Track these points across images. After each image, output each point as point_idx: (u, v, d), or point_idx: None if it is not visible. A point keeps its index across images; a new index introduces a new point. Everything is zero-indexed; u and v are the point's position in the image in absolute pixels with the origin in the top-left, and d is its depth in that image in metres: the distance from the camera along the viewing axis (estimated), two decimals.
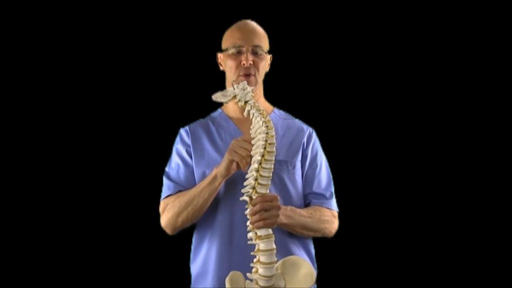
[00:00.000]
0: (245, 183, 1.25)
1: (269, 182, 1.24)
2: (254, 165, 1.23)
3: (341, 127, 2.25)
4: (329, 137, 1.68)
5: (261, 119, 1.27)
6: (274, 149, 1.23)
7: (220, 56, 1.57)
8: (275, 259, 1.21)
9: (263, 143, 1.23)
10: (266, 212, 1.22)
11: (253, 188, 1.23)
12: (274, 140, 1.24)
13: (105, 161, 2.21)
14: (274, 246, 1.21)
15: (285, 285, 1.24)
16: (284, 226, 1.37)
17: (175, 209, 1.41)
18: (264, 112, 1.29)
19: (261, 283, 1.21)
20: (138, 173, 2.15)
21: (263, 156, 1.23)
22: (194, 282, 1.45)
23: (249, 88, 1.36)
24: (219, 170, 1.36)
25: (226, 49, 1.51)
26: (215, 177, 1.37)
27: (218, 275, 1.37)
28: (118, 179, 2.19)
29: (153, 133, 2.15)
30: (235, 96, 1.37)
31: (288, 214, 1.36)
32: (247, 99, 1.34)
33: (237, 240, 1.37)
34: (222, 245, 1.39)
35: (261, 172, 1.23)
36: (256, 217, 1.21)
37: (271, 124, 1.25)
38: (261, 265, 1.21)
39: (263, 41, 1.52)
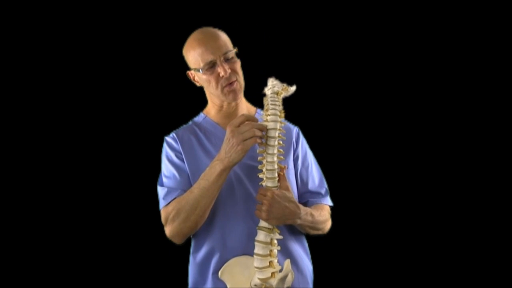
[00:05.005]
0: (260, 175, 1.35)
1: (275, 175, 1.32)
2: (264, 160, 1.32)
3: (321, 125, 2.29)
4: (311, 134, 1.69)
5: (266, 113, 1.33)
6: (275, 142, 1.30)
7: (191, 73, 1.50)
8: (267, 252, 1.27)
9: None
10: (259, 204, 1.32)
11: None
12: (276, 134, 1.30)
13: (91, 171, 2.25)
14: (268, 240, 1.28)
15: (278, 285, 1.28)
16: (299, 226, 1.43)
17: (181, 215, 1.36)
18: (278, 108, 1.33)
19: (257, 274, 1.28)
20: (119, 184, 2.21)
21: (265, 150, 1.31)
22: None
23: (276, 83, 1.39)
24: (226, 163, 1.31)
25: (198, 69, 1.43)
26: (222, 172, 1.32)
27: (216, 283, 1.38)
28: (100, 189, 2.23)
29: (131, 145, 2.19)
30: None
31: (302, 214, 1.38)
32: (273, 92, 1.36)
33: (231, 242, 1.38)
34: (221, 252, 1.39)
35: (266, 166, 1.31)
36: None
37: (275, 118, 1.31)
38: (254, 255, 1.28)
39: (228, 44, 1.45)
